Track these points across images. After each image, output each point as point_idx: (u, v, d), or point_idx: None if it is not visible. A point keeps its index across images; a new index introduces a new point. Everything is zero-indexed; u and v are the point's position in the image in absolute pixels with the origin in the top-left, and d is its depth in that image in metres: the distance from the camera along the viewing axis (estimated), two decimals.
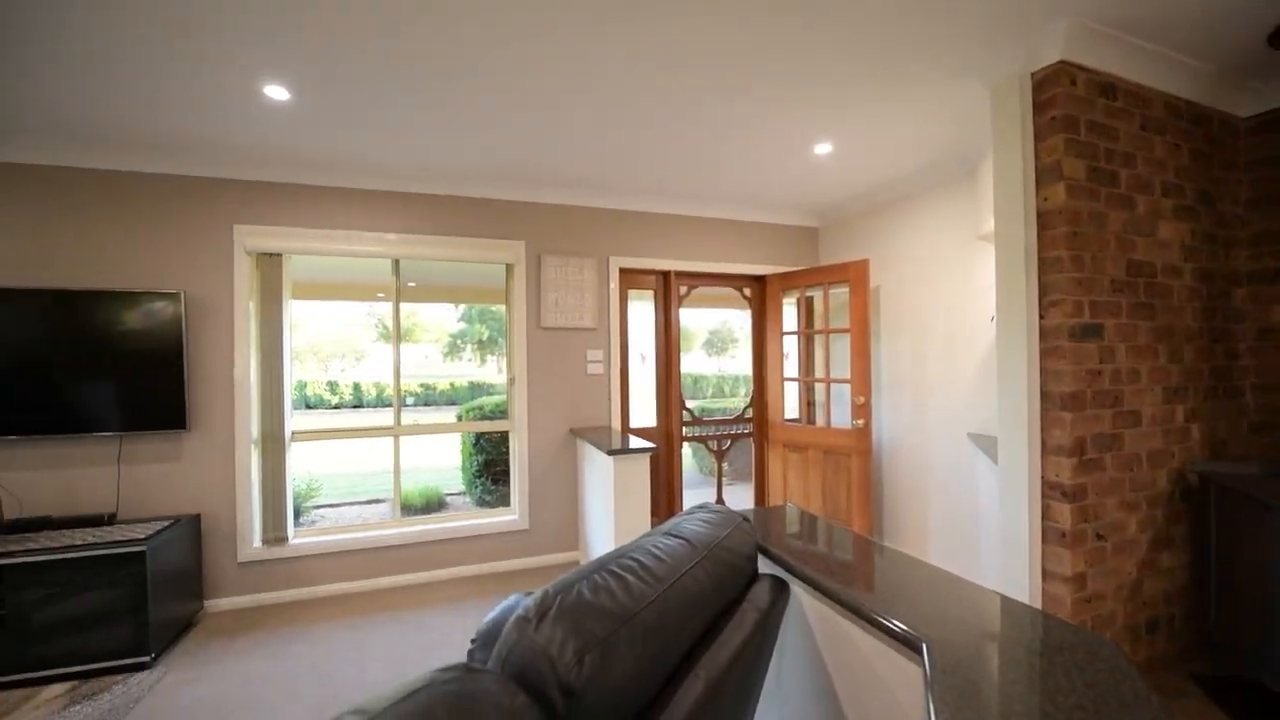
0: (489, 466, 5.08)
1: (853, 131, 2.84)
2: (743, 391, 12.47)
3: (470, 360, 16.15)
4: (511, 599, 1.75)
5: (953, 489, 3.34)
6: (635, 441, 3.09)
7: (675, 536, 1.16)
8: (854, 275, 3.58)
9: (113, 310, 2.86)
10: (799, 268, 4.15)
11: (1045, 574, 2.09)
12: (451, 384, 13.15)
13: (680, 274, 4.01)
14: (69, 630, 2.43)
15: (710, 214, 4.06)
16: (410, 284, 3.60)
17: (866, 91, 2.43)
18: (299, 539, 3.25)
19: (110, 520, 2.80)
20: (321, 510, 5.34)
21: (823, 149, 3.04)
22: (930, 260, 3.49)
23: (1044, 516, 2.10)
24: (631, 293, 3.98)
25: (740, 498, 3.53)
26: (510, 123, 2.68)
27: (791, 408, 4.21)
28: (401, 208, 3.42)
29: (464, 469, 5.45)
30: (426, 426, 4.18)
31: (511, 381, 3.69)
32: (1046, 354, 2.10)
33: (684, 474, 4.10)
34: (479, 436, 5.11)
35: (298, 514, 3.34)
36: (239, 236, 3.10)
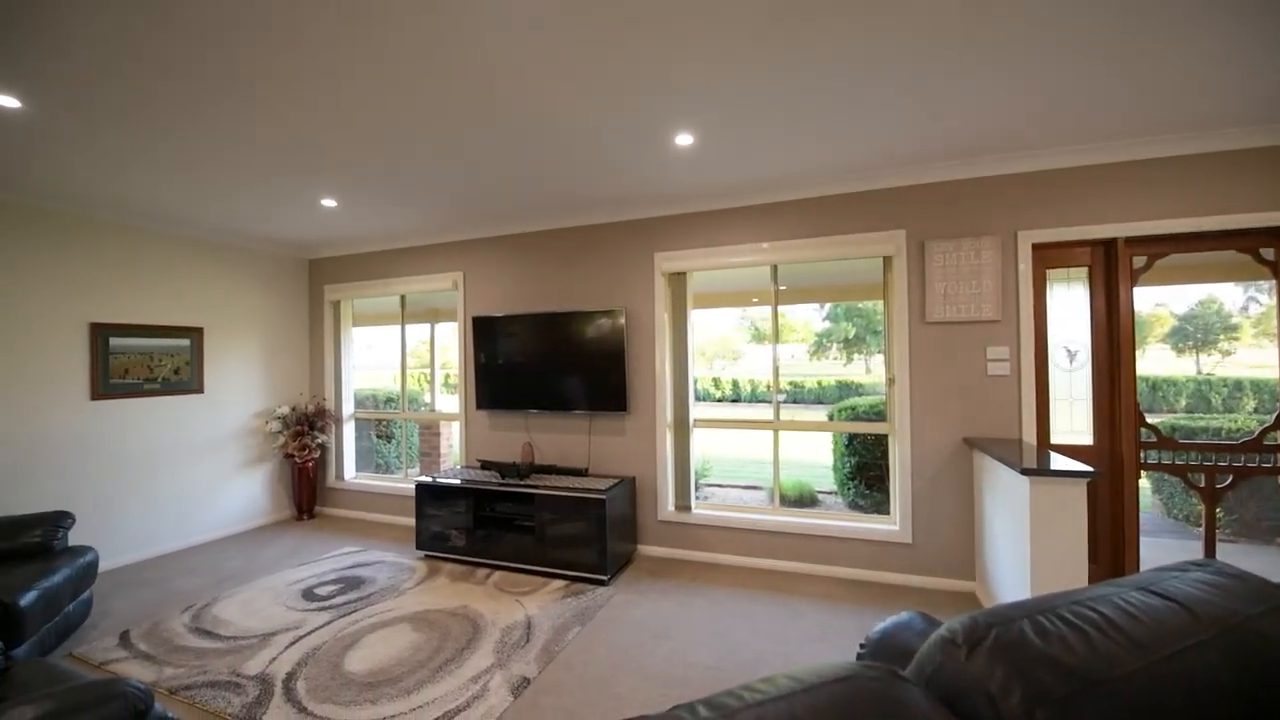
0: (862, 470, 4.91)
1: None
2: (1251, 404, 8.38)
3: (836, 359, 15.94)
4: (905, 615, 1.65)
5: None
6: (1061, 462, 2.46)
7: (1157, 595, 0.87)
8: None
9: (581, 325, 4.01)
10: None
11: None
12: (819, 382, 13.28)
13: (1133, 240, 2.98)
14: (563, 545, 3.52)
15: (1185, 149, 2.86)
16: (782, 287, 3.80)
17: None
18: (698, 510, 3.86)
19: (585, 473, 3.94)
20: (711, 489, 6.22)
21: None
22: None
23: None
24: (1051, 273, 3.19)
25: (1252, 563, 2.33)
26: (898, 107, 2.52)
27: None
28: (775, 217, 3.64)
29: (835, 469, 5.42)
30: (803, 424, 4.31)
31: (890, 382, 3.47)
32: None
33: (1140, 515, 3.03)
34: (851, 438, 4.99)
35: (695, 489, 3.96)
36: (658, 262, 3.90)
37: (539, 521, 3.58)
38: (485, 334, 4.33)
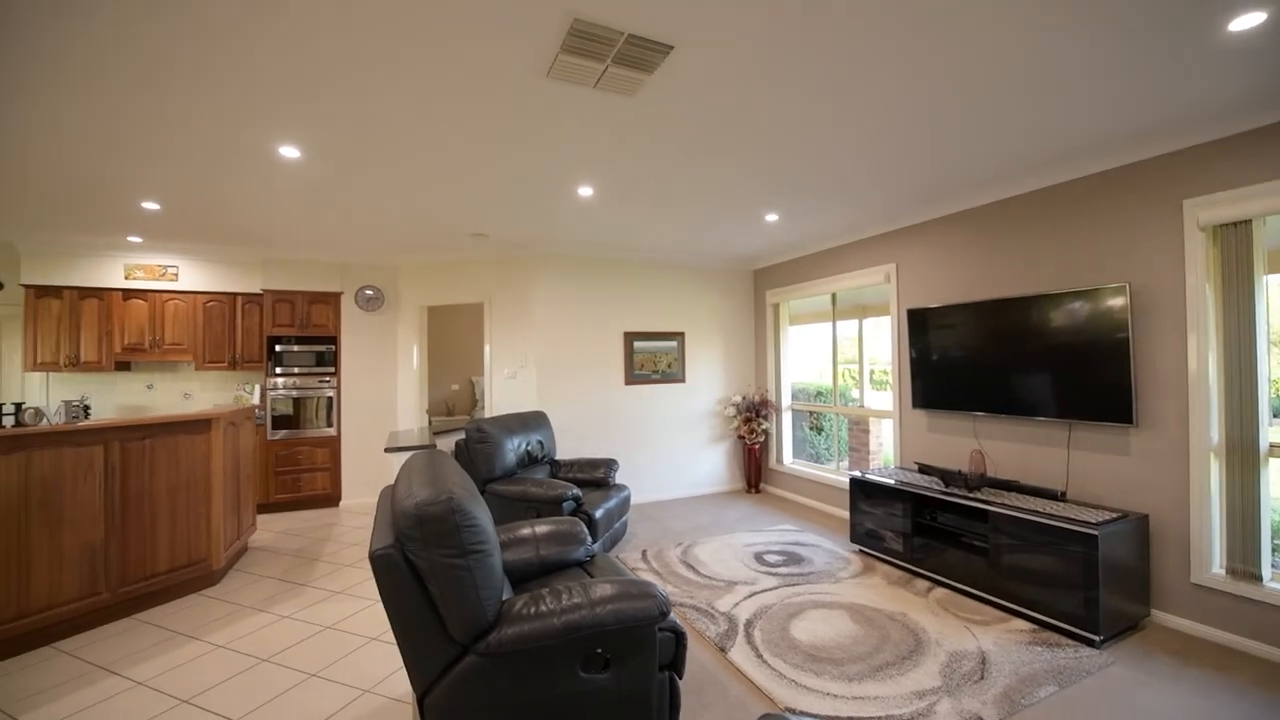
0: None
1: None
2: None
3: None
4: None
5: None
6: None
7: None
8: None
9: (1049, 310, 3.21)
10: None
11: None
12: None
13: None
14: (1028, 579, 2.90)
15: None
16: None
17: None
18: (1277, 583, 2.52)
19: (1061, 497, 3.15)
20: None
21: None
22: None
23: None
24: None
25: None
26: None
27: None
28: None
29: None
30: None
31: None
32: None
33: None
34: None
35: (1272, 551, 2.60)
36: (1189, 212, 2.74)
37: (994, 544, 3.07)
38: (921, 327, 4.02)
